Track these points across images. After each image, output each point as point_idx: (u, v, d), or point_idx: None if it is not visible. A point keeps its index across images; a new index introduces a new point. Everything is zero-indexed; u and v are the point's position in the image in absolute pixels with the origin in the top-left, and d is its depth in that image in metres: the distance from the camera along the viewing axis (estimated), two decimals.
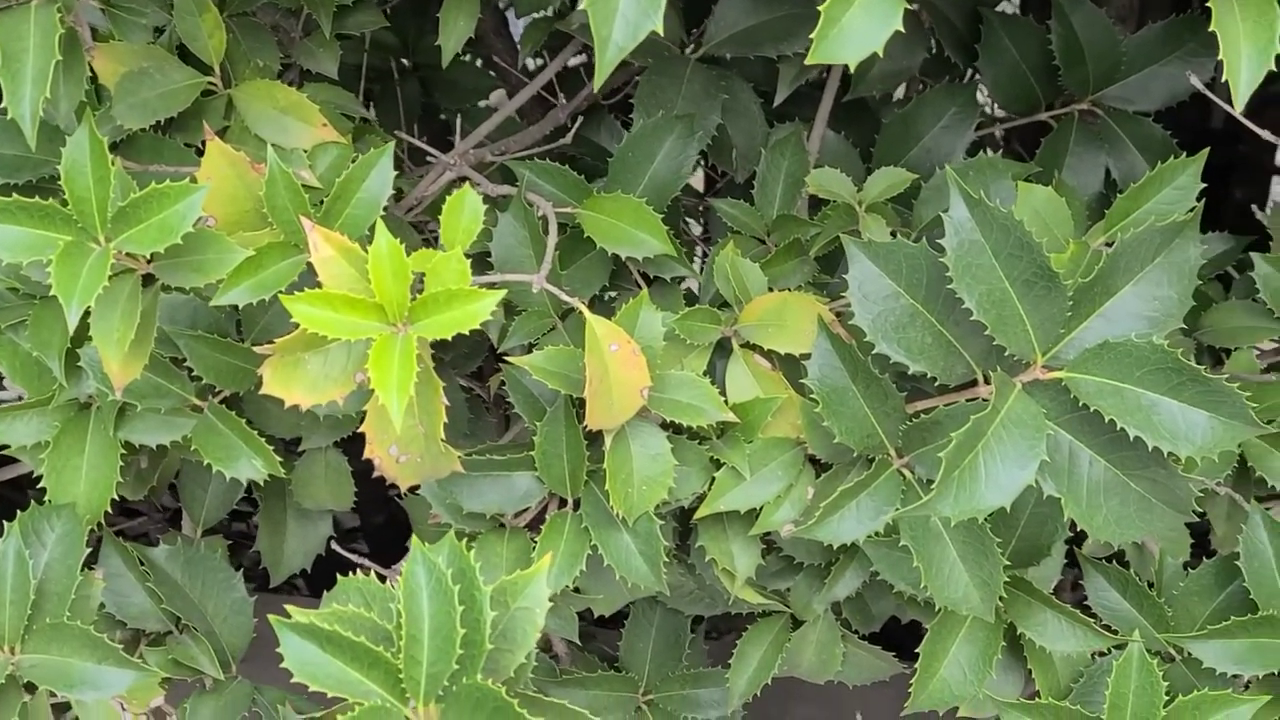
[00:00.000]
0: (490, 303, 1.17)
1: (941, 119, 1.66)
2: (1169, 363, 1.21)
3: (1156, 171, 1.38)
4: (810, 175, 1.50)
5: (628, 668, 1.63)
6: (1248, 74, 1.05)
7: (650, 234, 1.42)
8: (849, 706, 1.88)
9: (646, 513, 1.35)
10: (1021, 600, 1.44)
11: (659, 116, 1.52)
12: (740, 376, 1.40)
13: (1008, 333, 1.23)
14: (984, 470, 1.21)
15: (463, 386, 1.66)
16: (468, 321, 1.17)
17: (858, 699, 1.78)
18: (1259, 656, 1.41)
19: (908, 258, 1.27)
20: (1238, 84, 1.05)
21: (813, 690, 1.68)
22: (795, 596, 1.51)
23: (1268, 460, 1.54)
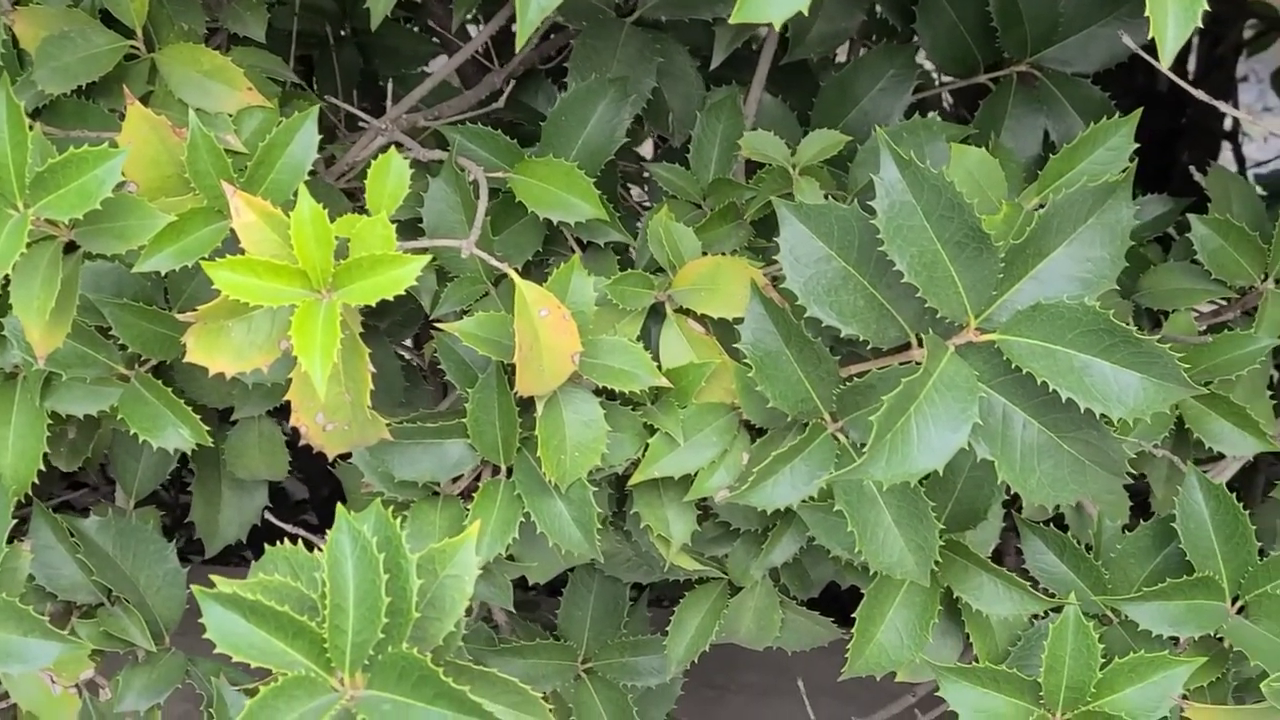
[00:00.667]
0: (415, 268, 1.16)
1: (879, 81, 1.64)
2: (1101, 324, 1.21)
3: (1089, 132, 1.38)
4: (744, 138, 1.49)
5: (566, 636, 1.62)
6: (1174, 32, 1.04)
7: (582, 198, 1.41)
8: (792, 673, 1.88)
9: (580, 479, 1.33)
10: (958, 564, 1.44)
11: (592, 80, 1.51)
12: (674, 341, 1.39)
13: (939, 295, 1.22)
14: (916, 433, 1.20)
15: (399, 354, 1.65)
16: (392, 287, 1.15)
17: (801, 664, 1.77)
18: (1194, 618, 1.42)
19: (839, 220, 1.26)
20: (1164, 42, 1.04)
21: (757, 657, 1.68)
22: (733, 563, 1.50)
23: (1205, 422, 1.54)
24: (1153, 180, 2.68)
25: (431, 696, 1.06)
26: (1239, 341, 1.53)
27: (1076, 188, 1.24)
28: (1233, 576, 1.43)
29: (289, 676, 1.08)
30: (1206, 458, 1.64)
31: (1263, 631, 1.39)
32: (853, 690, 1.54)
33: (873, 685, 1.50)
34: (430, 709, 1.06)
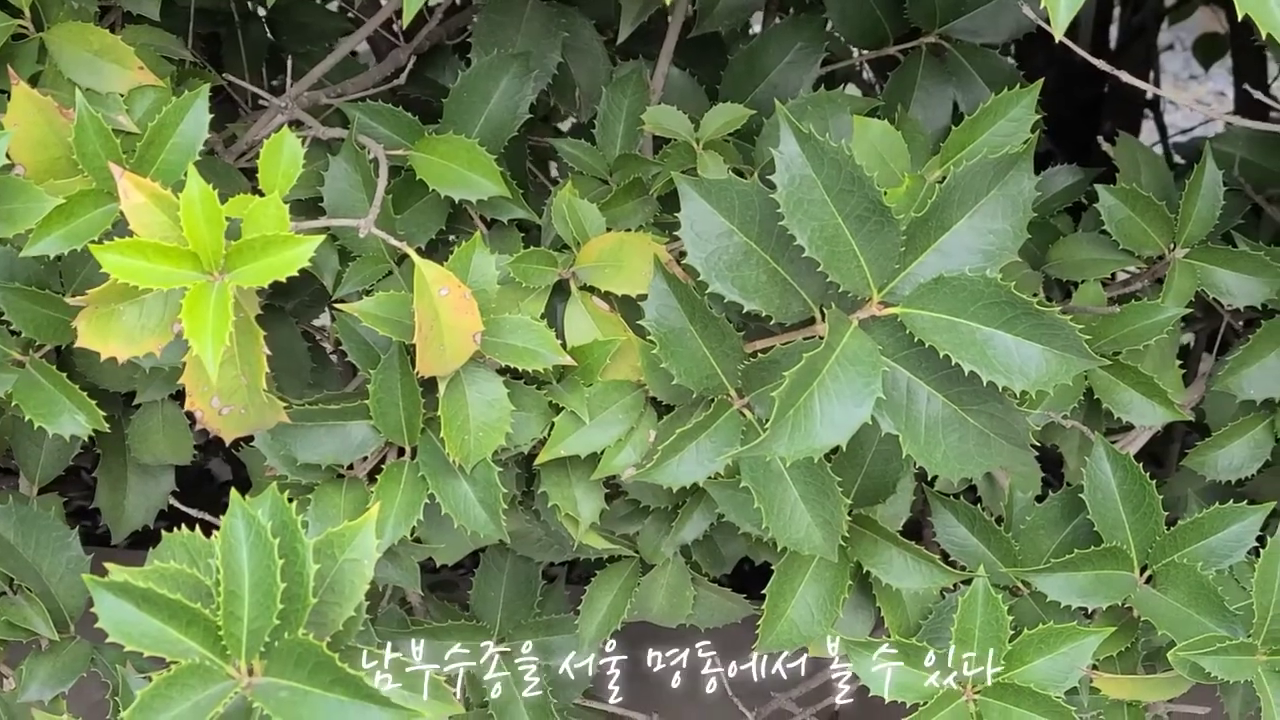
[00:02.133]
0: (308, 249, 1.14)
1: (787, 54, 1.63)
2: (1003, 297, 1.20)
3: (991, 103, 1.37)
4: (647, 113, 1.47)
5: (479, 616, 1.61)
6: (1066, 3, 1.03)
7: (484, 176, 1.40)
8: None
9: (484, 460, 1.32)
10: (867, 538, 1.44)
11: (494, 56, 1.49)
12: (578, 319, 1.38)
13: (841, 269, 1.22)
14: (819, 409, 1.19)
15: (307, 334, 1.63)
16: (285, 268, 1.14)
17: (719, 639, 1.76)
18: (1103, 588, 1.42)
19: (740, 195, 1.25)
20: (1057, 11, 1.04)
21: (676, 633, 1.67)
22: (644, 541, 1.49)
23: (1114, 393, 1.54)
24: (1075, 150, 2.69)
25: (328, 682, 1.05)
26: (1147, 311, 1.53)
27: (977, 160, 1.24)
28: (1141, 546, 1.43)
29: (183, 665, 1.06)
30: (1119, 428, 1.65)
31: (1170, 601, 1.40)
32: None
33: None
34: (327, 695, 1.05)
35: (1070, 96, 2.83)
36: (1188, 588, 1.39)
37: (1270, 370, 1.59)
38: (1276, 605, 1.36)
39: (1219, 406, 1.67)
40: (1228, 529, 1.43)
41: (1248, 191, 1.69)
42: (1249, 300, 1.56)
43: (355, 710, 1.05)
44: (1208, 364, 1.73)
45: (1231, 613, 1.37)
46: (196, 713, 1.06)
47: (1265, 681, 1.35)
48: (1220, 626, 1.37)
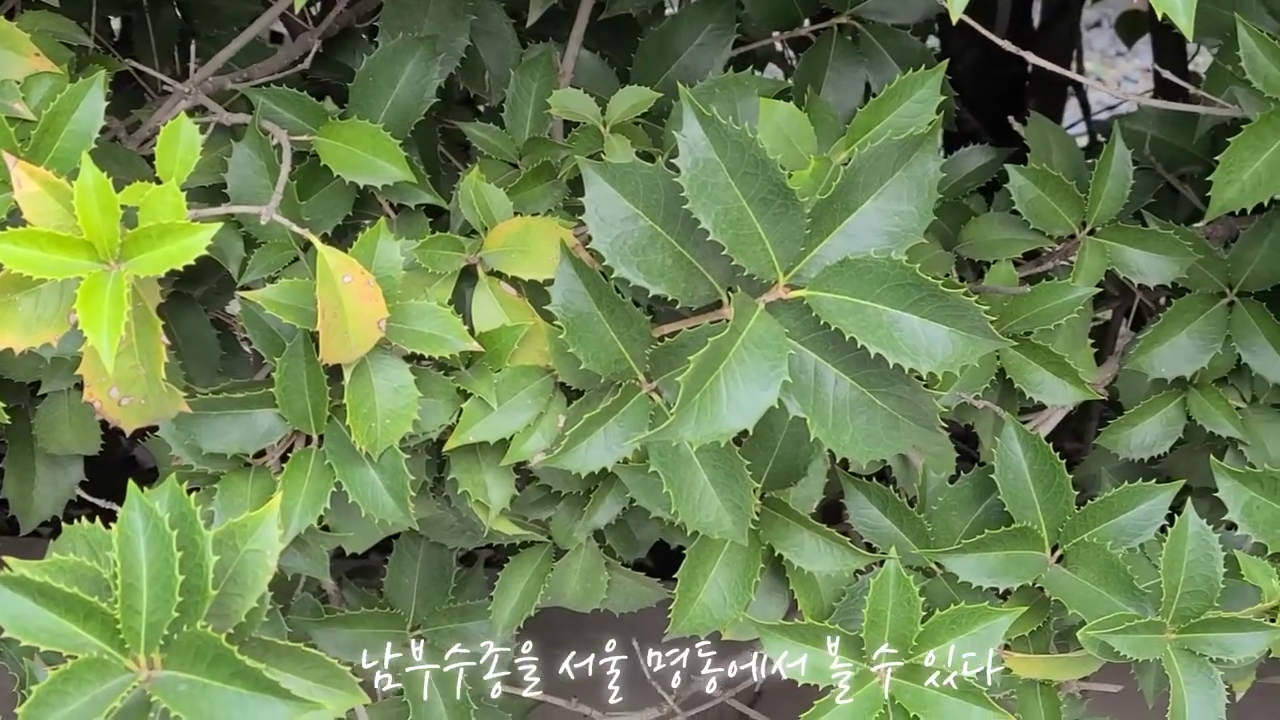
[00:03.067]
0: (205, 236, 1.12)
1: (699, 36, 1.62)
2: (908, 278, 1.20)
3: (896, 84, 1.37)
4: (553, 97, 1.46)
5: (394, 603, 1.60)
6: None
7: (389, 161, 1.39)
8: (638, 631, 1.86)
9: (392, 447, 1.31)
10: (779, 522, 1.44)
11: (399, 39, 1.47)
12: (486, 305, 1.37)
13: (746, 252, 1.21)
14: (726, 393, 1.19)
15: (217, 321, 1.61)
16: (182, 256, 1.12)
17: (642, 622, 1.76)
18: (1014, 568, 1.42)
19: (644, 179, 1.24)
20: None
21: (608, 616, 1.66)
22: (556, 526, 1.49)
23: (1025, 372, 1.55)
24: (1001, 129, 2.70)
25: (228, 675, 1.04)
26: (1057, 291, 1.53)
27: (882, 141, 1.23)
28: (1052, 526, 1.44)
29: (80, 659, 1.05)
30: (1032, 407, 1.65)
31: (1080, 580, 1.40)
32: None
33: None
34: (227, 688, 1.04)
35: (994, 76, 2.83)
36: (1098, 567, 1.40)
37: (1180, 349, 1.60)
38: (1185, 583, 1.36)
39: (1132, 385, 1.68)
40: (1137, 508, 1.44)
41: (1159, 170, 1.70)
42: (1159, 279, 1.57)
43: (255, 703, 1.04)
44: (1125, 342, 1.73)
45: (1141, 591, 1.38)
46: (94, 707, 1.04)
47: (1174, 659, 1.36)
48: (1130, 605, 1.38)
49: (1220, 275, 1.60)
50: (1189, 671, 1.36)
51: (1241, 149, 1.44)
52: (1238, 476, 1.44)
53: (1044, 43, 3.06)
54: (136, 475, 1.64)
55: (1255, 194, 1.44)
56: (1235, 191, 1.45)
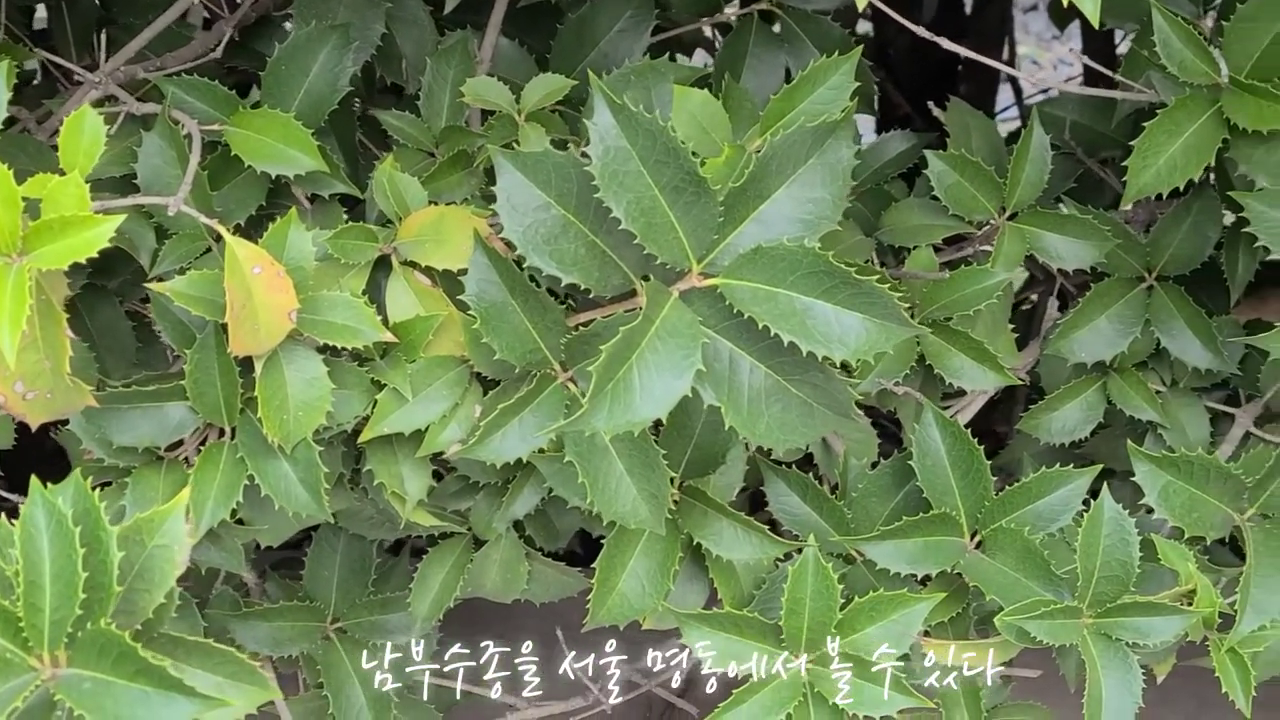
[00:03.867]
0: (109, 228, 1.11)
1: (617, 22, 1.61)
2: (821, 266, 1.19)
3: (809, 71, 1.36)
4: (466, 85, 1.45)
5: (314, 597, 1.59)
6: None
7: (301, 150, 1.37)
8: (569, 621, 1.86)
9: (305, 439, 1.30)
10: (698, 510, 1.43)
11: (312, 27, 1.46)
12: (400, 295, 1.36)
13: (659, 241, 1.20)
14: (639, 382, 1.18)
15: (133, 313, 1.59)
16: (85, 249, 1.10)
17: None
18: (932, 555, 1.43)
19: (556, 167, 1.23)
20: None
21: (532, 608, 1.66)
22: (475, 516, 1.48)
23: (945, 358, 1.55)
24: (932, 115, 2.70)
25: (132, 673, 1.03)
26: (976, 276, 1.53)
27: (795, 128, 1.22)
28: (970, 512, 1.44)
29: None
30: (954, 393, 1.65)
31: (998, 565, 1.41)
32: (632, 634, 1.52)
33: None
34: (131, 686, 1.03)
35: (927, 60, 2.83)
36: (1015, 552, 1.40)
37: (1100, 333, 1.60)
38: (1101, 568, 1.37)
39: (1053, 370, 1.68)
40: (1055, 493, 1.44)
41: (1080, 155, 1.70)
42: (1078, 263, 1.57)
43: (160, 700, 1.03)
44: (1049, 327, 1.73)
45: (1058, 576, 1.38)
46: None
47: (1090, 644, 1.37)
48: (1047, 590, 1.38)
49: (1139, 260, 1.61)
50: (1105, 656, 1.37)
51: (1157, 134, 1.44)
52: (1154, 460, 1.45)
53: (976, 26, 3.07)
54: (63, 470, 1.63)
55: (1171, 178, 1.45)
56: (1151, 176, 1.45)
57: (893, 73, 3.04)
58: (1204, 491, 1.45)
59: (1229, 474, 1.45)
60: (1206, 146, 1.43)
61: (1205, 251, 1.60)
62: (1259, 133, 1.41)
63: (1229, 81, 1.42)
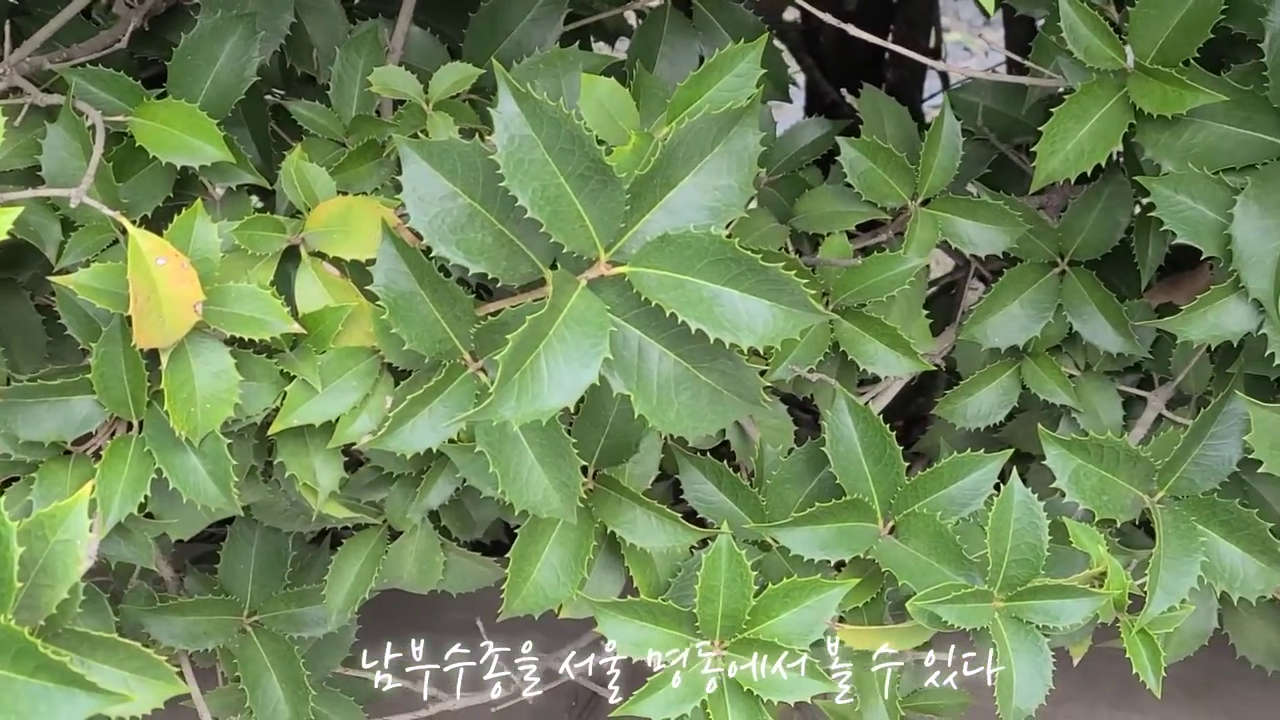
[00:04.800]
0: (6, 221, 1.09)
1: (531, 10, 1.60)
2: (728, 253, 1.19)
3: (716, 59, 1.36)
4: (374, 74, 1.44)
5: (229, 590, 1.58)
6: None
7: (206, 141, 1.36)
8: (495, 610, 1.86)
9: (213, 432, 1.29)
10: (611, 499, 1.43)
11: (218, 17, 1.45)
12: (309, 286, 1.35)
13: (565, 229, 1.20)
14: (546, 371, 1.18)
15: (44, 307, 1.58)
16: None
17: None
18: (845, 541, 1.43)
19: (462, 156, 1.23)
20: None
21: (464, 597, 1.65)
22: (390, 507, 1.48)
23: (859, 345, 1.55)
24: None
25: (32, 669, 1.02)
26: (889, 262, 1.53)
27: (700, 116, 1.23)
28: (883, 497, 1.45)
29: None
30: (873, 379, 1.66)
31: (910, 550, 1.41)
32: (560, 624, 1.52)
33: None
34: (31, 682, 1.02)
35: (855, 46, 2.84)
36: (928, 537, 1.41)
37: (1014, 318, 1.61)
38: (1011, 552, 1.37)
39: (968, 355, 1.69)
40: (966, 477, 1.44)
41: (993, 141, 1.71)
42: (990, 249, 1.58)
43: (60, 696, 1.02)
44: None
45: (970, 561, 1.39)
46: None
47: (1002, 627, 1.37)
48: (959, 575, 1.39)
49: (1051, 245, 1.62)
50: (1016, 639, 1.37)
51: (1064, 119, 1.45)
52: (1065, 444, 1.46)
53: (904, 13, 3.08)
54: None
55: (1079, 163, 1.45)
56: (1059, 161, 1.46)
57: (821, 60, 3.05)
58: (1114, 474, 1.46)
59: (1138, 457, 1.47)
60: (1113, 131, 1.44)
61: (1116, 236, 1.61)
62: (1164, 117, 1.42)
63: (1135, 67, 1.43)
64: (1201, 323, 1.43)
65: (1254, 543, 1.45)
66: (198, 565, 1.66)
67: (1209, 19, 1.40)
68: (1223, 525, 1.46)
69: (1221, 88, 1.41)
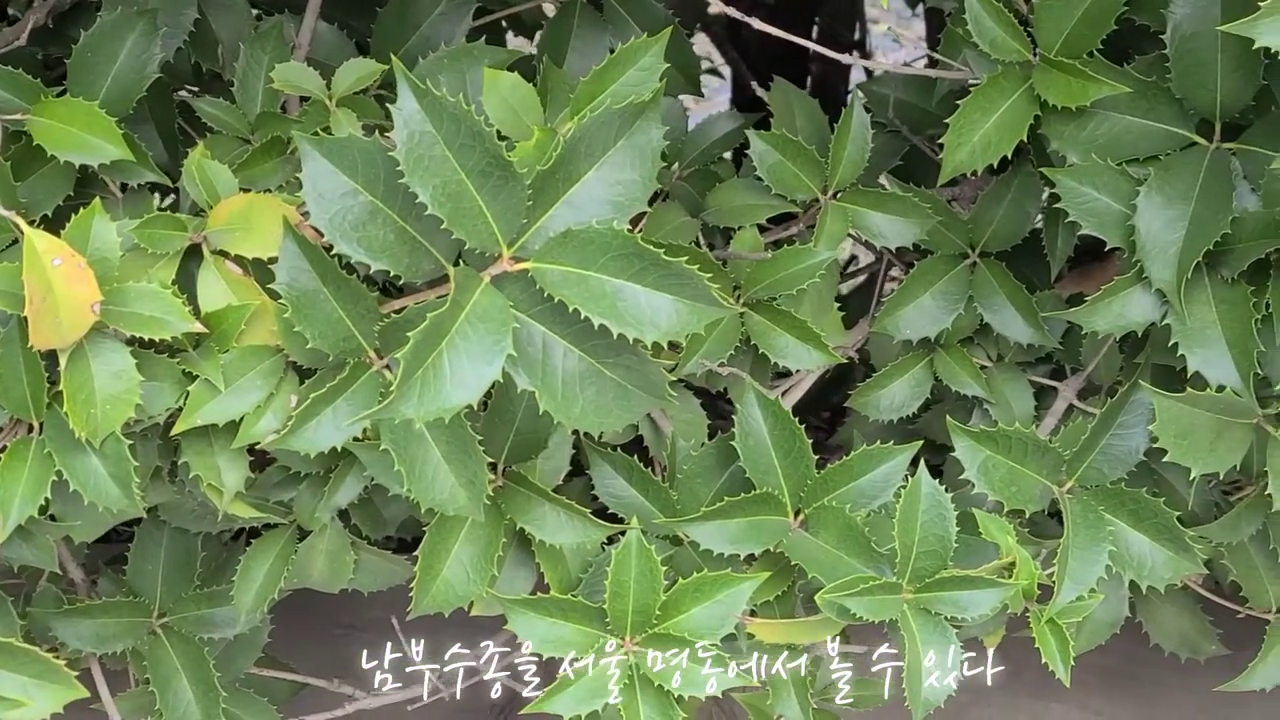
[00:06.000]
0: None
1: (438, 6, 1.60)
2: (630, 248, 1.19)
3: (619, 53, 1.35)
4: (276, 71, 1.43)
5: (138, 592, 1.57)
6: None
7: (105, 139, 1.34)
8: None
9: (114, 433, 1.28)
10: (521, 495, 1.43)
11: (118, 13, 1.43)
12: (211, 284, 1.33)
13: (467, 226, 1.19)
14: (449, 368, 1.17)
15: None
16: None
17: None
18: (755, 534, 1.43)
19: (362, 153, 1.22)
20: None
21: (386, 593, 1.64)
22: (299, 506, 1.47)
23: (770, 338, 1.55)
24: None
25: None
26: (799, 255, 1.53)
27: (602, 110, 1.22)
28: (793, 490, 1.45)
29: None
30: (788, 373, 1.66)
31: (820, 543, 1.41)
32: (483, 622, 1.51)
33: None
34: None
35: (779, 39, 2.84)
36: (837, 530, 1.41)
37: (925, 310, 1.61)
38: (920, 544, 1.38)
39: (881, 347, 1.69)
40: (876, 470, 1.45)
41: (905, 133, 1.71)
42: (900, 241, 1.58)
43: None
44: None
45: (879, 553, 1.39)
46: None
47: (911, 619, 1.37)
48: (868, 567, 1.39)
49: (962, 236, 1.62)
50: (925, 630, 1.38)
51: (971, 111, 1.46)
52: (973, 436, 1.46)
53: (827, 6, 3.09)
54: None
55: (986, 155, 1.46)
56: (966, 154, 1.46)
57: (745, 52, 3.05)
58: (1022, 465, 1.46)
59: (1047, 447, 1.47)
60: (1019, 123, 1.45)
61: (1026, 227, 1.61)
62: (1069, 109, 1.42)
63: (1040, 59, 1.44)
64: (1106, 313, 1.44)
65: (1161, 531, 1.46)
66: (111, 568, 1.65)
67: (1112, 10, 1.41)
68: (1130, 514, 1.47)
69: (1125, 79, 1.42)
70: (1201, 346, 1.41)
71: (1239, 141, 1.43)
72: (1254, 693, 1.64)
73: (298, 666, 1.78)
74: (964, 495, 1.50)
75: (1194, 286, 1.41)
